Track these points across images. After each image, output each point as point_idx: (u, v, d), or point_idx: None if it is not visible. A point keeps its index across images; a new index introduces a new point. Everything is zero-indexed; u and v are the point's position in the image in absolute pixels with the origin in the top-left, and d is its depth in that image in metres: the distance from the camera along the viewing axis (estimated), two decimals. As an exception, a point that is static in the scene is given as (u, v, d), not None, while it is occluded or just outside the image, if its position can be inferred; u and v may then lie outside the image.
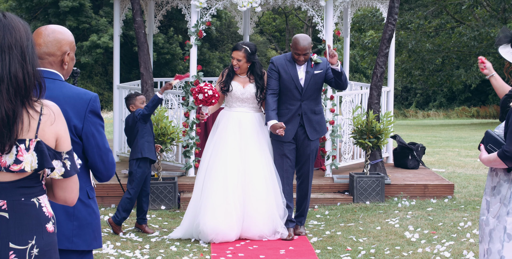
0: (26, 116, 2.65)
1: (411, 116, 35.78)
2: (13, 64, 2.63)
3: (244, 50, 7.22)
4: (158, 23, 11.55)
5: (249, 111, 7.31)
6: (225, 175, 7.07)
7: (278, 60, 7.24)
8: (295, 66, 7.17)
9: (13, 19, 2.69)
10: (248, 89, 7.28)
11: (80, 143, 3.19)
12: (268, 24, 41.19)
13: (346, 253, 6.57)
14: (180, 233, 7.19)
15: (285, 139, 7.17)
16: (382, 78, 9.60)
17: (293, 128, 7.17)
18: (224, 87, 7.30)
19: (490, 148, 4.23)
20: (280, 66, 7.18)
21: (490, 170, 4.33)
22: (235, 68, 7.26)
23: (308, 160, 7.29)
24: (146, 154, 7.37)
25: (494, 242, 4.14)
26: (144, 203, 7.54)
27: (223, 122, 7.29)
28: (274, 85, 7.16)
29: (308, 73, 7.15)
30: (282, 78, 7.17)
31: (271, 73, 7.20)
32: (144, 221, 7.54)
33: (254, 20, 12.85)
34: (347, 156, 10.08)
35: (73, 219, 3.24)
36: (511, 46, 4.77)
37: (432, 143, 17.28)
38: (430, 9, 26.45)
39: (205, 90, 7.03)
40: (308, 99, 7.19)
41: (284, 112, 7.20)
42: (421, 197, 9.15)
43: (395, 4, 9.58)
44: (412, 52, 27.22)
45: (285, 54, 7.28)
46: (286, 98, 7.20)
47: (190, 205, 7.25)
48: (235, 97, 7.28)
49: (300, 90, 7.15)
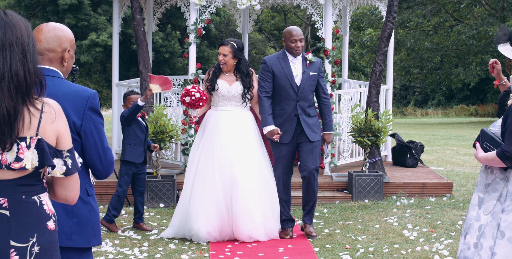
0: (27, 114, 2.65)
1: (410, 115, 35.79)
2: (14, 62, 2.63)
3: (231, 46, 7.05)
4: (157, 21, 11.55)
5: (237, 109, 7.13)
6: (214, 178, 6.93)
7: (270, 59, 7.09)
8: (288, 64, 7.03)
9: (14, 17, 2.70)
10: (234, 87, 7.10)
11: (79, 140, 3.19)
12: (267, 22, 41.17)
13: (345, 251, 6.58)
14: (170, 233, 7.13)
15: (284, 141, 7.04)
16: (381, 76, 9.60)
17: (291, 129, 7.03)
18: (210, 85, 7.12)
19: (487, 147, 4.27)
20: (273, 65, 7.03)
21: (484, 167, 4.38)
22: (221, 63, 7.09)
23: (311, 154, 7.04)
24: (127, 157, 7.43)
25: (486, 238, 4.20)
26: (139, 203, 7.54)
27: (210, 123, 7.12)
28: (268, 86, 7.02)
29: (304, 73, 7.03)
30: (277, 77, 7.02)
31: (264, 74, 7.05)
32: (141, 219, 7.55)
33: (253, 18, 12.85)
34: (346, 154, 10.09)
35: (72, 216, 3.24)
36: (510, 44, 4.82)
37: (431, 141, 17.30)
38: (428, 8, 26.45)
39: (192, 93, 6.87)
40: (303, 100, 7.04)
41: (279, 113, 7.06)
42: (420, 195, 9.16)
43: (394, 2, 9.58)
44: (411, 50, 27.23)
45: (277, 53, 7.15)
46: (281, 98, 7.05)
47: (178, 206, 7.13)
48: (221, 96, 7.10)
49: (295, 89, 7.01)
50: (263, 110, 7.01)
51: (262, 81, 7.07)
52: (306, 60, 7.05)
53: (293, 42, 6.97)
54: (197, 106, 6.91)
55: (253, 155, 7.06)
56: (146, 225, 7.54)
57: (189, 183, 7.07)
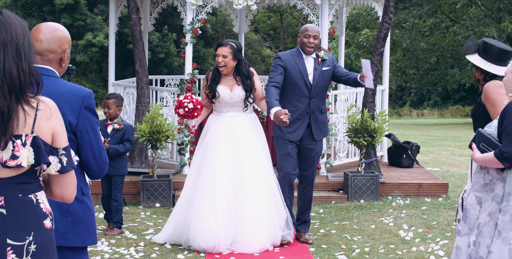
0: (22, 113, 2.65)
1: (406, 115, 35.83)
2: (7, 61, 2.64)
3: (230, 46, 6.67)
4: (153, 21, 11.55)
5: (240, 114, 6.81)
6: (214, 188, 6.57)
7: (285, 55, 6.80)
8: (303, 61, 6.77)
9: (10, 17, 2.70)
10: (236, 93, 6.74)
11: (74, 139, 3.19)
12: (263, 22, 41.20)
13: (341, 251, 6.58)
14: (162, 238, 6.86)
15: (293, 139, 6.76)
16: (377, 77, 9.61)
17: (302, 127, 6.76)
18: (209, 93, 6.75)
19: (483, 148, 4.29)
20: (287, 61, 6.74)
21: (480, 168, 4.40)
22: (220, 66, 6.67)
23: (312, 164, 6.89)
24: None
25: (484, 237, 4.26)
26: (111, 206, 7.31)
27: (212, 129, 6.79)
28: (279, 78, 6.67)
29: (316, 70, 6.78)
30: (290, 73, 6.72)
31: (276, 67, 6.72)
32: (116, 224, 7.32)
33: (249, 18, 12.85)
34: (342, 155, 10.09)
35: (67, 215, 3.24)
36: (478, 54, 4.96)
37: (427, 142, 17.32)
38: (424, 8, 26.49)
39: (184, 104, 6.52)
40: (316, 97, 6.79)
41: (291, 110, 6.73)
42: (416, 196, 9.17)
43: (390, 3, 9.59)
44: (406, 51, 27.26)
45: (291, 50, 6.88)
46: (293, 95, 6.76)
47: (174, 213, 6.85)
48: (223, 102, 6.75)
49: (309, 86, 6.74)
50: (269, 94, 6.56)
51: (272, 73, 6.71)
52: (318, 57, 6.83)
53: (306, 37, 6.71)
54: (192, 116, 6.59)
55: (260, 162, 6.72)
56: (113, 230, 7.29)
57: (187, 191, 6.78)
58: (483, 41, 5.03)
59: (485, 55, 5.00)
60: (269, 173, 6.75)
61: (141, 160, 9.52)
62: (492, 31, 23.07)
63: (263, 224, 6.57)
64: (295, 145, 6.81)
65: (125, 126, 7.26)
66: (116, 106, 7.21)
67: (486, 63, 4.99)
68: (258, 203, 6.59)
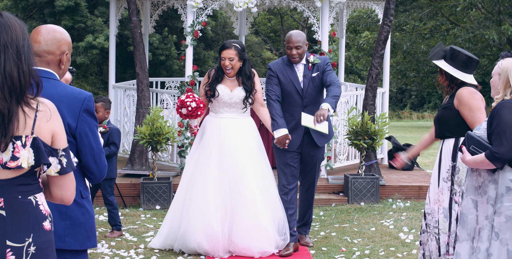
0: (22, 115, 2.65)
1: (406, 118, 35.83)
2: (8, 63, 2.64)
3: (235, 48, 6.55)
4: (154, 23, 11.55)
5: (238, 116, 6.67)
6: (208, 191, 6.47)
7: (275, 65, 6.68)
8: (293, 69, 6.63)
9: (10, 19, 2.70)
10: (236, 93, 6.62)
11: (74, 142, 3.19)
12: (264, 25, 41.21)
13: (341, 254, 6.58)
14: (157, 243, 6.76)
15: (290, 149, 6.63)
16: (377, 79, 9.62)
17: (298, 137, 6.63)
18: (209, 90, 6.63)
19: (474, 150, 4.36)
20: (278, 71, 6.63)
21: (471, 170, 4.44)
22: (227, 70, 6.57)
23: (314, 168, 6.82)
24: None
25: (483, 241, 4.29)
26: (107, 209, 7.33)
27: (208, 131, 6.64)
28: (276, 90, 6.60)
29: (305, 77, 6.63)
30: (282, 82, 6.62)
31: (271, 79, 6.64)
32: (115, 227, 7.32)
33: (249, 20, 12.85)
34: (342, 157, 10.09)
35: (65, 218, 3.23)
36: (445, 60, 5.16)
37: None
38: (425, 11, 26.50)
39: (187, 103, 6.42)
40: (311, 104, 6.63)
41: (288, 119, 6.63)
42: (416, 198, 9.16)
43: (391, 5, 9.60)
44: (407, 53, 27.26)
45: (282, 58, 6.70)
46: (288, 105, 6.64)
47: (168, 217, 6.73)
48: (222, 102, 6.63)
49: (301, 94, 6.61)
50: (274, 111, 6.54)
51: (269, 85, 6.63)
52: (308, 62, 6.66)
53: (289, 49, 6.57)
54: (196, 115, 6.47)
55: (256, 166, 6.61)
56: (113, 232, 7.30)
57: (181, 194, 6.67)
58: (450, 47, 5.17)
59: (452, 61, 5.15)
60: (266, 176, 6.66)
61: (142, 162, 9.51)
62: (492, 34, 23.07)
63: (261, 226, 6.51)
64: (295, 154, 6.69)
65: (111, 129, 7.18)
66: (104, 109, 7.13)
67: (453, 69, 5.12)
68: (254, 205, 6.50)
